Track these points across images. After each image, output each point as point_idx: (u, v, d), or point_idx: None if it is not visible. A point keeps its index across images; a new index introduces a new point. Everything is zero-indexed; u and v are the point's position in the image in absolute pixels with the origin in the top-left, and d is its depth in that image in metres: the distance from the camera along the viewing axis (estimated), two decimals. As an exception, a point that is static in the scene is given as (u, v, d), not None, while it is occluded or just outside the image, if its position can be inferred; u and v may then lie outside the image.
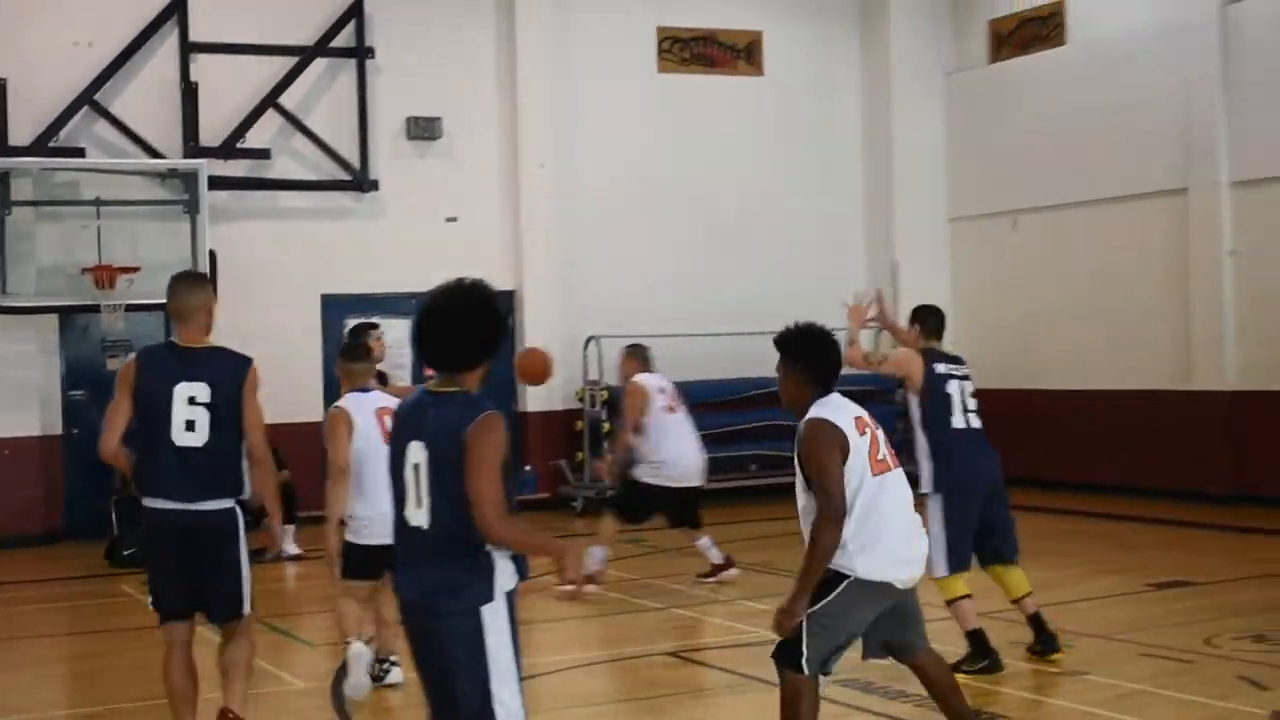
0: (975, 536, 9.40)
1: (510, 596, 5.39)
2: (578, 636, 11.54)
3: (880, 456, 6.79)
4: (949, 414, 9.52)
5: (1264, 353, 17.00)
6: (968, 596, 9.33)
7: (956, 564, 9.31)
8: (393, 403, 8.69)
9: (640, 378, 13.21)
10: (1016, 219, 20.33)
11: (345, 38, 18.56)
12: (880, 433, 6.89)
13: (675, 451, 13.01)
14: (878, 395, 16.50)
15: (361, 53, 18.57)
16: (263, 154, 18.11)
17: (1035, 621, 9.59)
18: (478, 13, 19.36)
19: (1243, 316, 17.20)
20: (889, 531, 6.72)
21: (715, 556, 13.22)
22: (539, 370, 9.58)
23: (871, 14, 21.34)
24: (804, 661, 6.70)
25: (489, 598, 5.32)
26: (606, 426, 18.75)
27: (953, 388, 9.57)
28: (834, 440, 6.68)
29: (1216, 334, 17.54)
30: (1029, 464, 16.70)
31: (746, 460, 19.60)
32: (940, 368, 9.67)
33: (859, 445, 6.72)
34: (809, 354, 7.07)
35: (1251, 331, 17.17)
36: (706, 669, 9.83)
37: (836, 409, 6.86)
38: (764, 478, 19.48)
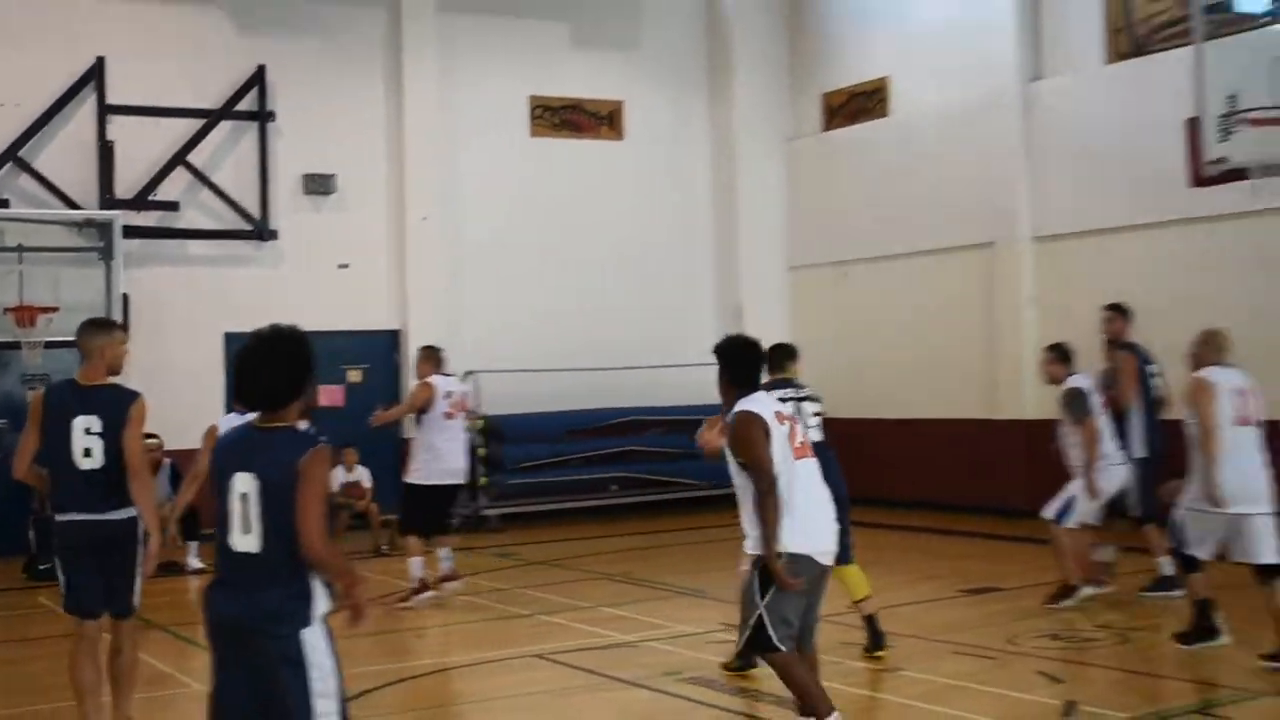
0: None
1: (325, 620, 5.24)
2: (450, 641, 11.44)
3: (798, 443, 7.09)
4: None
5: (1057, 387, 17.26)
6: None
7: None
8: None
9: (433, 378, 12.86)
10: (847, 268, 20.52)
11: (249, 102, 18.39)
12: (799, 426, 7.23)
13: (443, 449, 12.65)
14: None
15: (263, 116, 18.40)
16: (172, 206, 17.88)
17: (870, 621, 9.69)
18: (369, 81, 19.26)
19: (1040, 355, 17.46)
20: (805, 508, 6.99)
21: (415, 572, 12.61)
22: None
23: (719, 87, 21.49)
24: (777, 642, 6.92)
25: (309, 621, 5.17)
26: (483, 451, 18.71)
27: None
28: (758, 427, 6.96)
29: (1017, 370, 17.78)
30: (859, 484, 16.82)
31: (609, 481, 19.60)
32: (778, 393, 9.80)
33: (779, 433, 7.00)
34: (729, 359, 7.43)
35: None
36: (570, 670, 9.77)
37: (758, 403, 7.13)
38: (624, 497, 19.56)
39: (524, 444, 19.03)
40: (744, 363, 7.42)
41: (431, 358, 13.09)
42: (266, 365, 5.38)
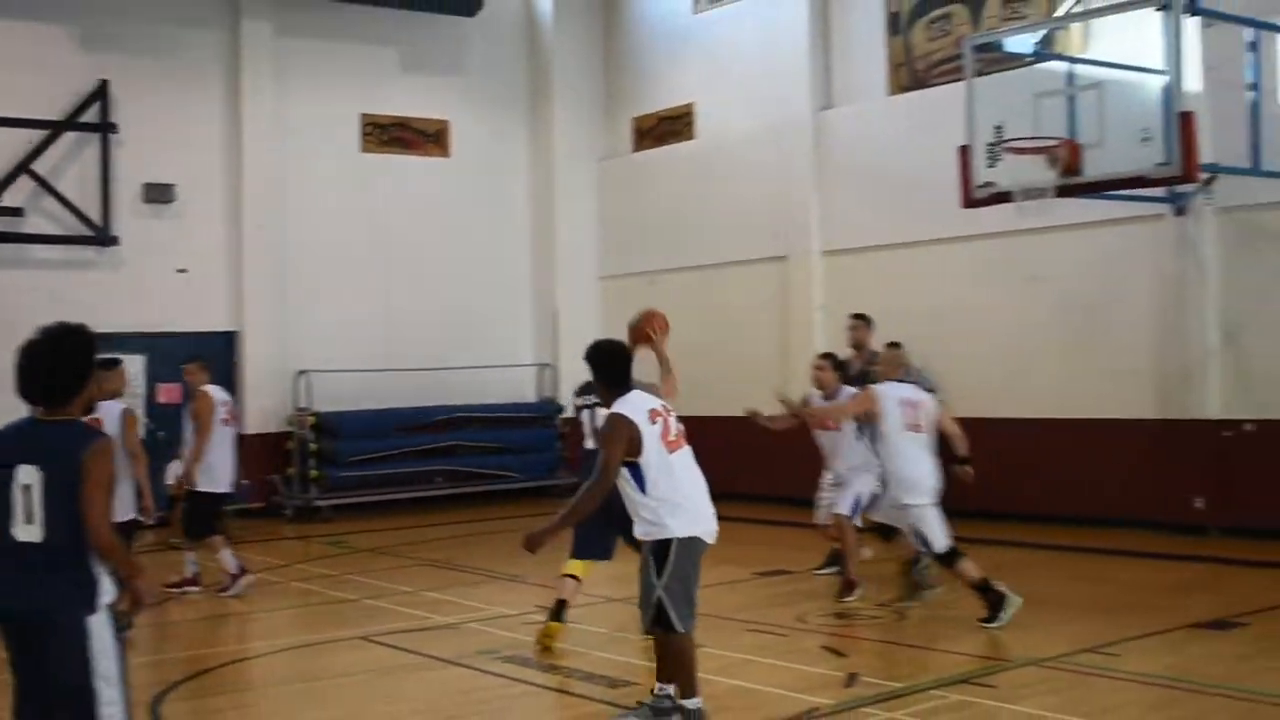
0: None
1: (110, 608, 5.08)
2: (278, 626, 11.16)
3: (671, 437, 7.06)
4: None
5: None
6: (575, 578, 9.61)
7: (585, 553, 9.61)
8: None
9: (208, 388, 12.32)
10: (654, 278, 20.56)
11: (93, 114, 17.83)
12: (672, 419, 7.16)
13: (221, 458, 12.20)
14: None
15: (105, 127, 17.83)
16: (17, 212, 17.28)
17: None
18: (208, 97, 18.82)
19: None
20: (687, 494, 7.01)
21: (231, 565, 12.08)
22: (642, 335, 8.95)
23: (538, 110, 21.42)
24: (675, 622, 6.91)
25: (94, 609, 5.01)
26: (314, 446, 18.44)
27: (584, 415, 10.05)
28: (623, 431, 6.92)
29: (807, 372, 17.97)
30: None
31: (434, 474, 19.41)
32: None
33: (651, 431, 6.96)
34: (599, 364, 7.38)
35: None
36: (393, 650, 9.61)
37: (630, 404, 7.08)
38: (448, 489, 19.39)
39: (356, 440, 18.74)
40: (613, 366, 7.35)
41: (207, 368, 12.55)
42: (50, 360, 5.17)
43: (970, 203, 12.52)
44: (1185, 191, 13.91)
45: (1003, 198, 12.09)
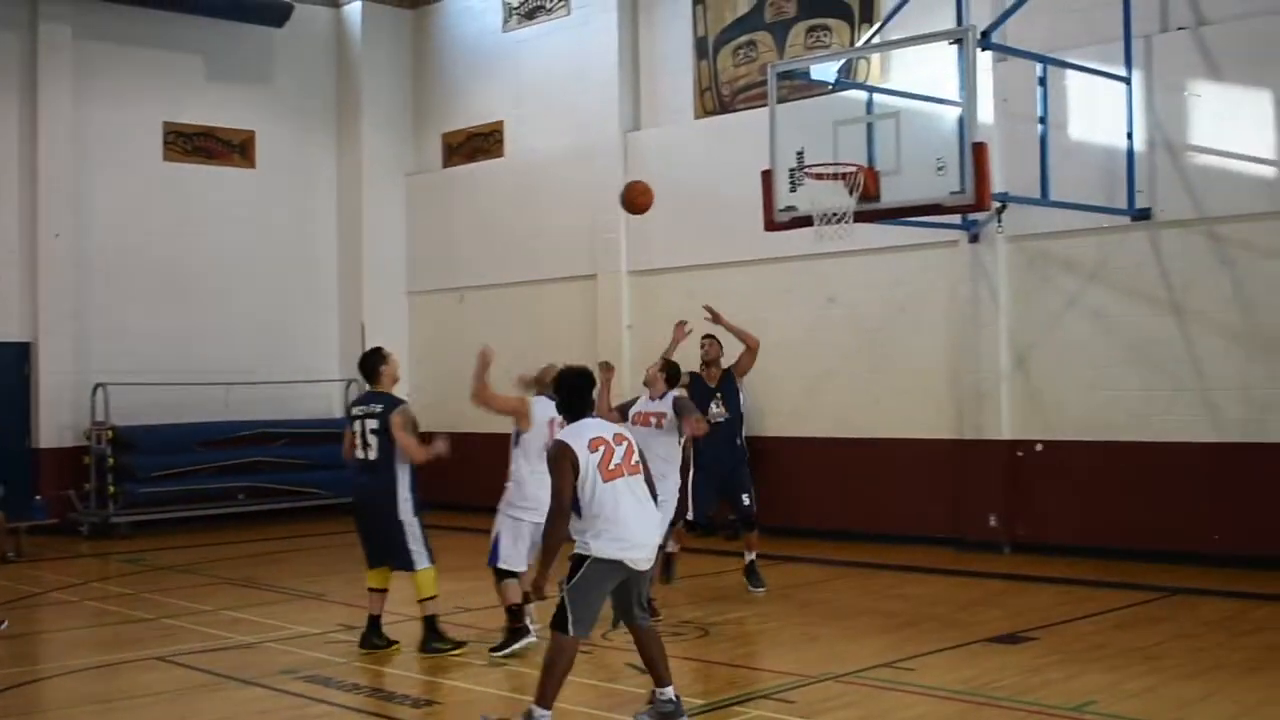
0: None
1: None
2: (72, 646, 10.72)
3: (611, 466, 7.26)
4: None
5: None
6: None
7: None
8: None
9: None
10: (463, 294, 20.47)
11: (-125, 115, 17.09)
12: (619, 448, 7.33)
13: None
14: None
15: (-109, 130, 17.10)
16: None
17: (428, 621, 9.72)
18: (3, 99, 18.16)
19: (637, 377, 17.72)
20: (619, 520, 7.20)
21: None
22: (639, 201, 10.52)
23: (346, 122, 21.14)
24: (569, 624, 7.17)
25: None
26: (112, 461, 17.89)
27: (356, 425, 9.81)
28: (564, 458, 7.19)
29: (618, 391, 18.03)
30: (468, 494, 16.74)
31: (237, 490, 18.98)
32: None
33: (589, 460, 7.20)
34: (558, 391, 7.69)
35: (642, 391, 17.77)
36: (189, 671, 9.32)
37: (574, 433, 7.33)
38: (251, 506, 18.97)
39: (156, 455, 18.20)
40: (565, 394, 7.59)
41: None
42: None
43: (772, 226, 12.64)
44: (978, 219, 14.33)
45: (803, 221, 12.24)
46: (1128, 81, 13.44)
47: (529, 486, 9.68)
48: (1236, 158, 13.03)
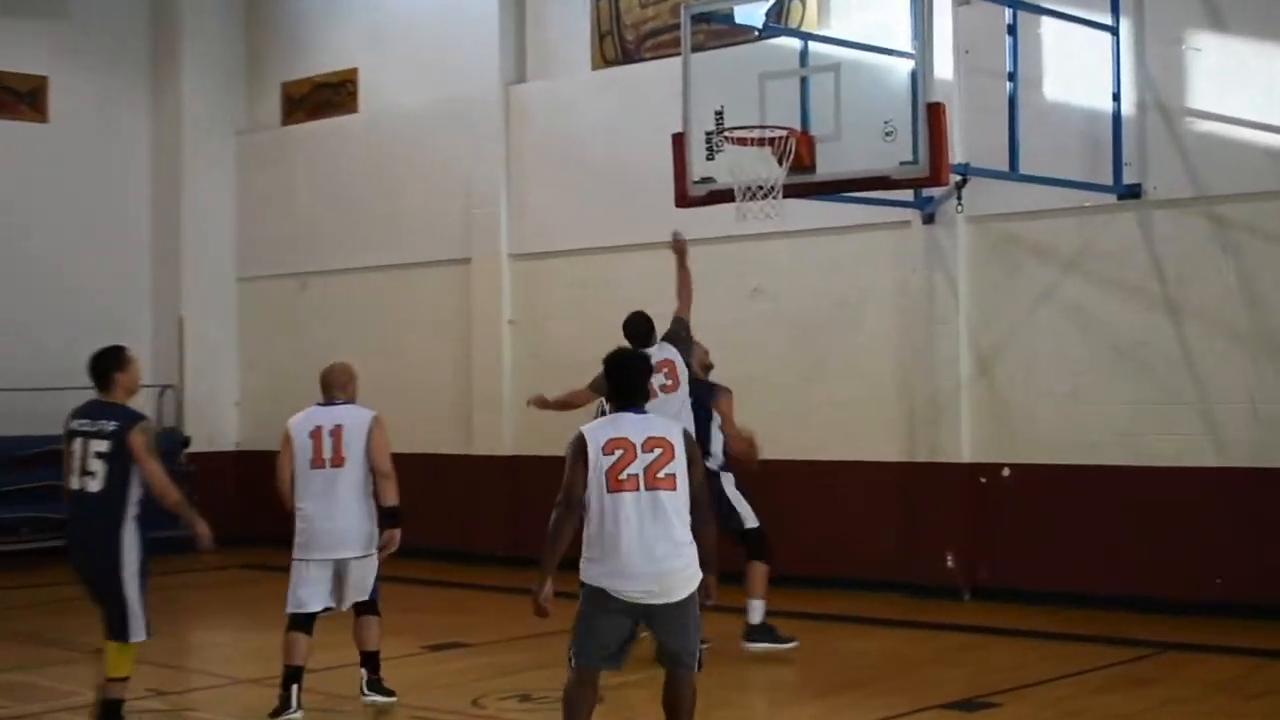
0: None
1: None
2: None
3: (623, 475, 7.41)
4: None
5: (537, 418, 17.65)
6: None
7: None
8: None
9: None
10: (307, 281, 20.33)
11: None
12: (646, 455, 7.45)
13: None
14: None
15: None
16: None
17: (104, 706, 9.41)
18: None
19: (519, 382, 17.73)
20: (614, 545, 7.37)
21: None
22: None
23: (162, 68, 20.91)
24: (570, 658, 7.57)
25: None
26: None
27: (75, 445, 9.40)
28: (577, 451, 7.50)
29: (496, 400, 18.06)
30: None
31: (19, 523, 18.69)
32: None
33: (599, 463, 7.42)
34: (605, 375, 8.01)
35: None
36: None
37: (597, 427, 7.67)
38: (37, 541, 18.63)
39: (-90, 478, 17.93)
40: (611, 378, 7.93)
41: None
42: None
43: (685, 201, 12.66)
44: (934, 195, 14.45)
45: (723, 196, 12.26)
46: (1115, 32, 13.61)
47: None
48: (1244, 125, 13.23)
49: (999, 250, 14.63)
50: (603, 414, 9.90)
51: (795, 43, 14.03)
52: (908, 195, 14.16)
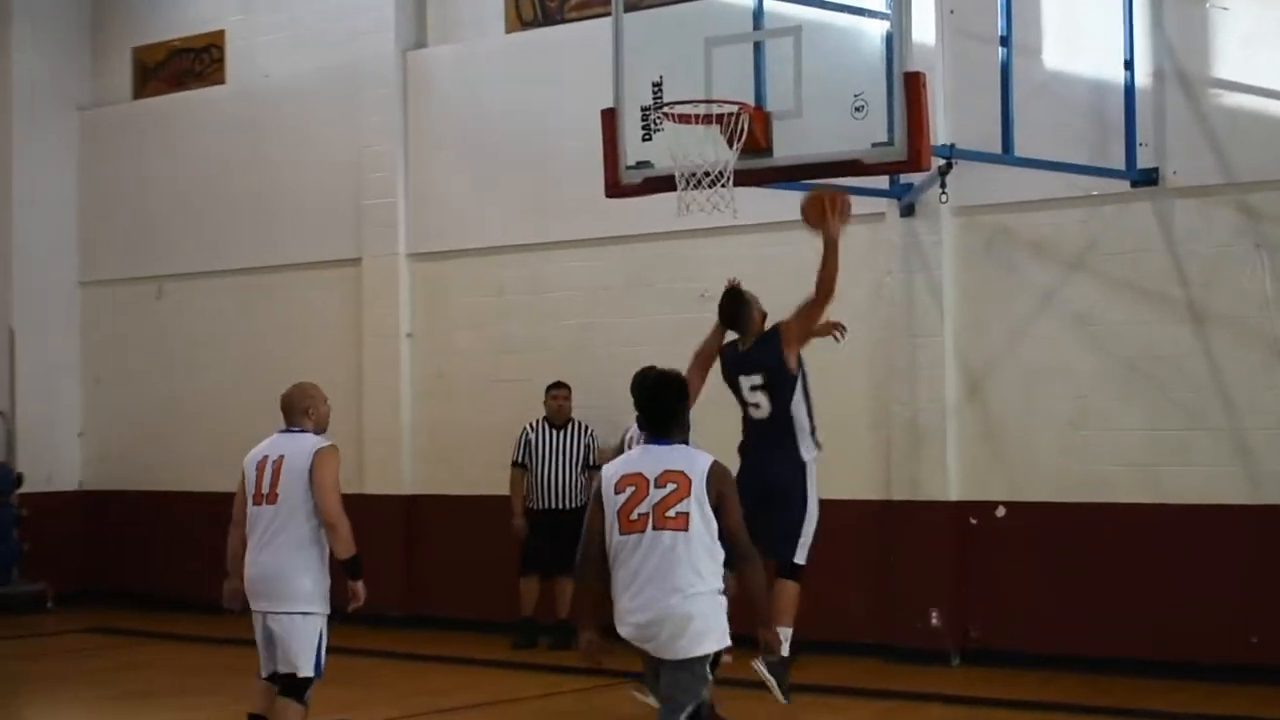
0: None
1: None
2: None
3: (633, 516, 7.85)
4: None
5: (443, 450, 17.54)
6: None
7: None
8: None
9: None
10: (165, 286, 20.15)
11: None
12: (657, 492, 7.83)
13: None
14: None
15: None
16: None
17: None
18: None
19: (420, 409, 17.62)
20: (624, 588, 7.88)
21: None
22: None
23: (-11, 31, 20.76)
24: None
25: None
26: None
27: None
28: (595, 493, 8.10)
29: (392, 427, 17.91)
30: (144, 575, 16.41)
31: None
32: None
33: (612, 501, 7.93)
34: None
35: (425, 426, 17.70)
36: None
37: (617, 462, 8.23)
38: None
39: None
40: (642, 406, 8.38)
41: None
42: None
43: (617, 190, 12.57)
44: (913, 182, 14.42)
45: (663, 184, 12.18)
46: (1126, -13, 13.69)
47: None
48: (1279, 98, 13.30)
49: (991, 248, 14.62)
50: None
51: (748, 0, 13.96)
52: (882, 183, 14.13)
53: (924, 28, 13.35)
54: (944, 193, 14.13)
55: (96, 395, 20.45)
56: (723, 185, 11.90)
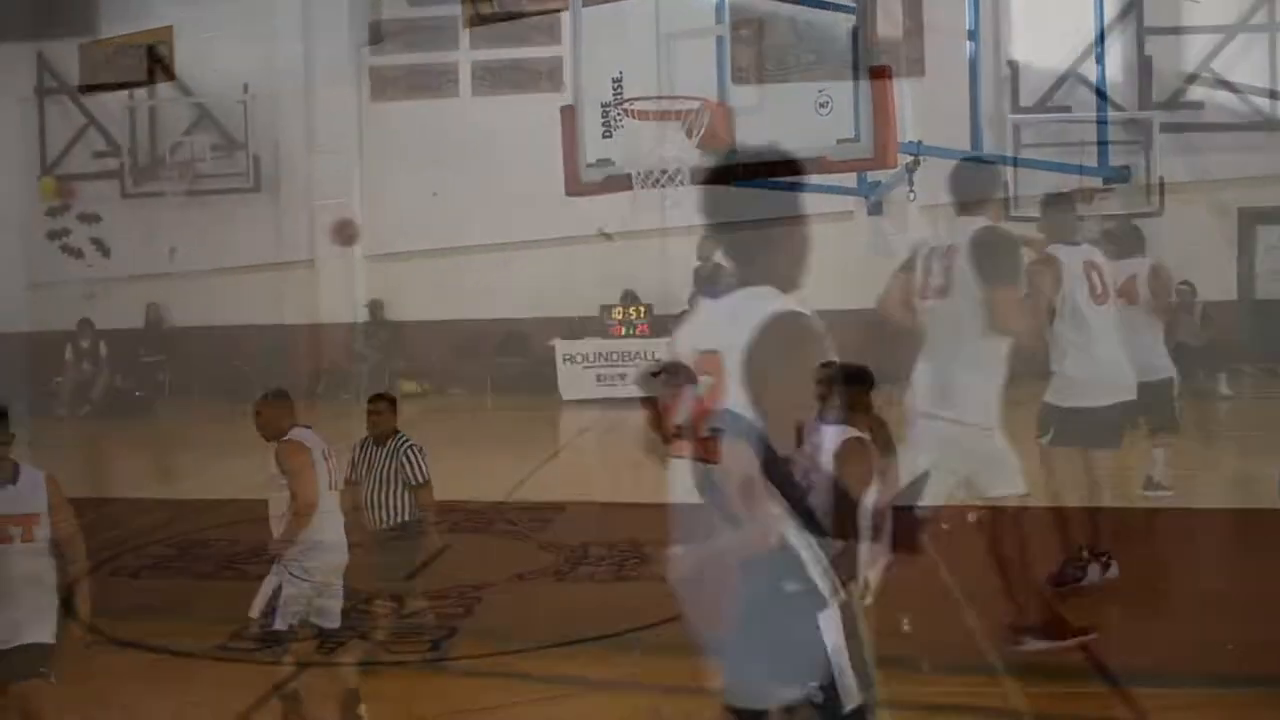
0: None
1: None
2: None
3: None
4: None
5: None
6: None
7: None
8: None
9: None
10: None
11: None
12: None
13: None
14: None
15: None
16: None
17: None
18: None
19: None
20: None
21: None
22: None
23: None
24: None
25: None
26: None
27: None
28: None
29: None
30: None
31: None
32: None
33: None
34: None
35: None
36: None
37: None
38: None
39: None
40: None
41: None
42: None
43: (577, 188, 12.58)
44: (881, 180, 14.40)
45: (622, 183, 12.20)
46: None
47: None
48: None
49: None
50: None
51: (709, -5, 13.99)
52: (849, 179, 14.11)
53: (889, 22, 13.38)
54: (912, 191, 14.14)
55: None
56: (682, 183, 11.92)
